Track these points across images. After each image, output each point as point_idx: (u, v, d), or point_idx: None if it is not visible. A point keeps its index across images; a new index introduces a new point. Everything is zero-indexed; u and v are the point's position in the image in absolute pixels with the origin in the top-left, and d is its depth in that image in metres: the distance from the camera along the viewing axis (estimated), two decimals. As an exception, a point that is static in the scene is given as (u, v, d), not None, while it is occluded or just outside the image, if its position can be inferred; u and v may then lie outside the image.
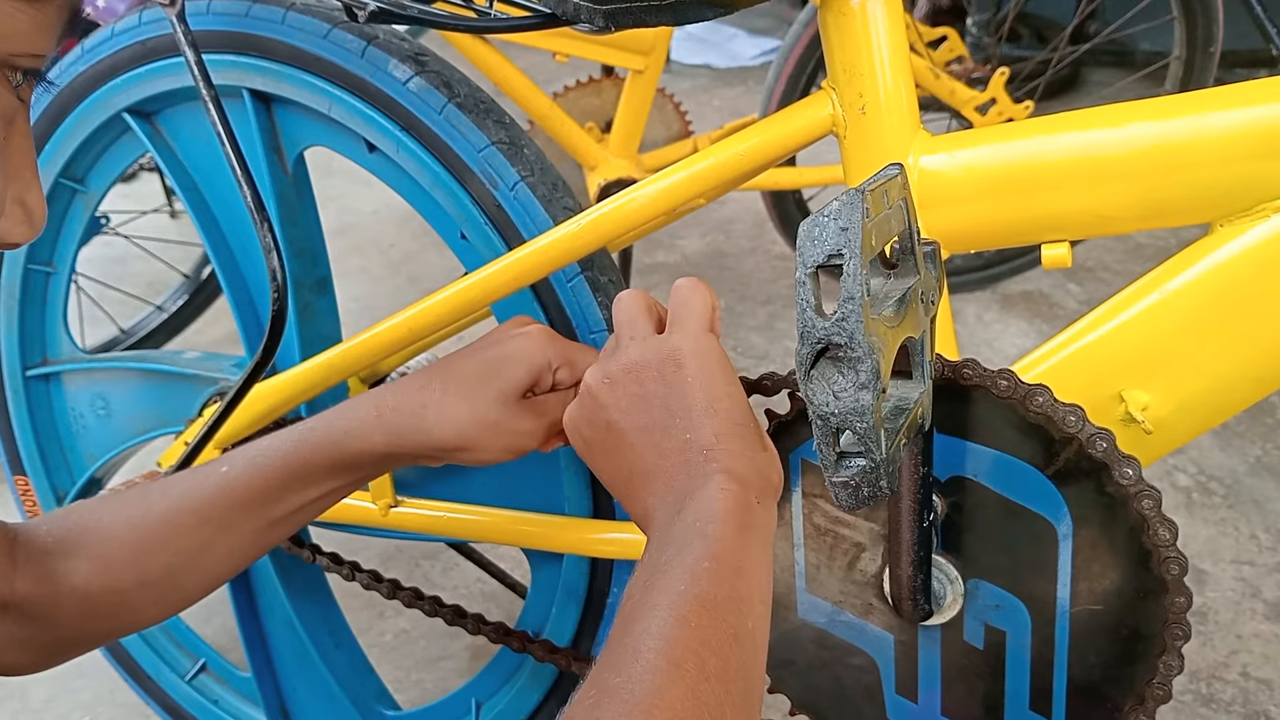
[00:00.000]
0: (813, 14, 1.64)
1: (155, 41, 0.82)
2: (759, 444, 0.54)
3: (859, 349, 0.43)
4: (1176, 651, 0.55)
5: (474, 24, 0.64)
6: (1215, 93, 0.56)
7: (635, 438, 0.54)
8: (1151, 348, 0.59)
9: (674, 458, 0.53)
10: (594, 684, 0.43)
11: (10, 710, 1.22)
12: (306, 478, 0.65)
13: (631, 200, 0.68)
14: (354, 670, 0.98)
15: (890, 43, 0.62)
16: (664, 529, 0.50)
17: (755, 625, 0.47)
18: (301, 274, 0.85)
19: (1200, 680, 1.16)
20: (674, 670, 0.42)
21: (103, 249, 2.23)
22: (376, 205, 2.53)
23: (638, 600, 0.47)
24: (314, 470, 0.65)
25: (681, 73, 3.48)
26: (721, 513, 0.49)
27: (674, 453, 0.53)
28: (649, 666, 0.42)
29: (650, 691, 0.41)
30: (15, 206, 0.46)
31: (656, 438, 0.53)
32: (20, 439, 1.01)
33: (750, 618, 0.47)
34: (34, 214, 0.47)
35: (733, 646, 0.45)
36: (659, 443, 0.53)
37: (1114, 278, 2.02)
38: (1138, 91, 2.20)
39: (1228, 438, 1.55)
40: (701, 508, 0.49)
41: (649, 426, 0.54)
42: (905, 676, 0.64)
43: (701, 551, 0.47)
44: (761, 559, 0.50)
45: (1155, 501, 0.53)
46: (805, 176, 1.74)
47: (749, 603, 0.48)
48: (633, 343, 0.57)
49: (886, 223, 0.46)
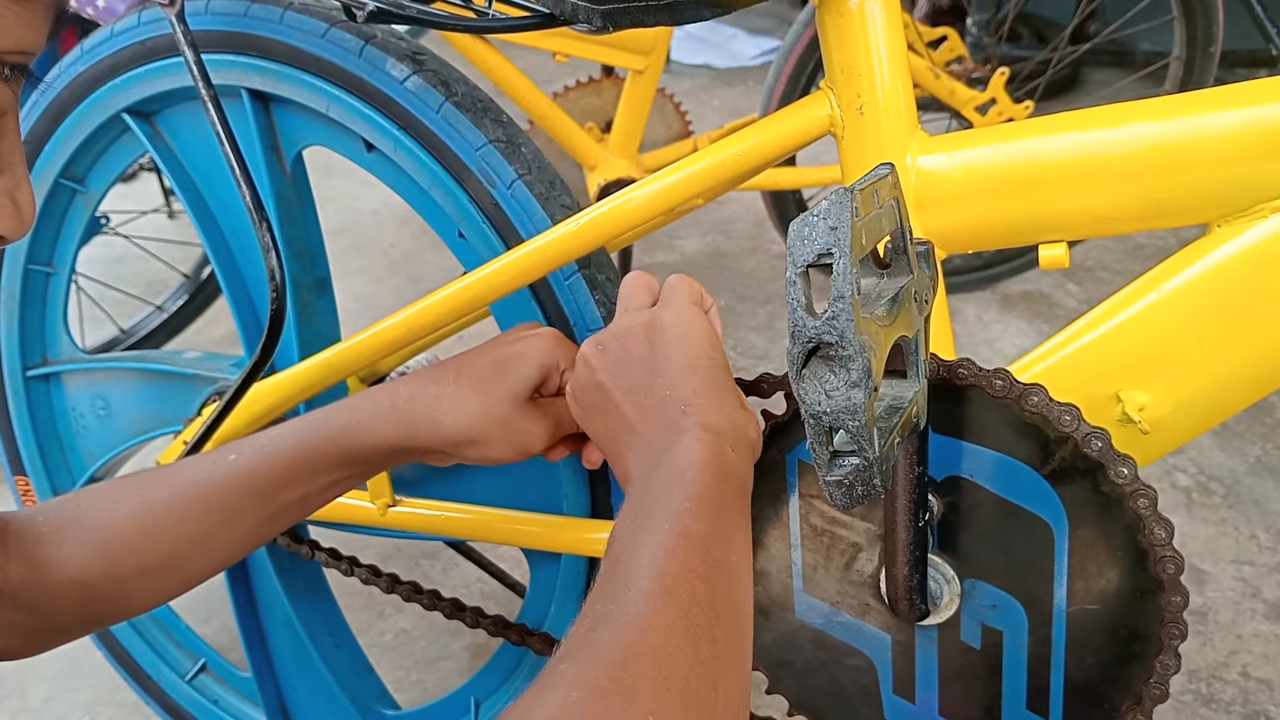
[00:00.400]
0: (812, 14, 1.64)
1: (154, 41, 0.82)
2: (736, 402, 0.56)
3: (850, 348, 0.43)
4: (1173, 651, 0.55)
5: (473, 24, 0.64)
6: (1214, 93, 0.56)
7: (621, 397, 0.57)
8: (1149, 348, 0.59)
9: (654, 414, 0.55)
10: (588, 614, 0.45)
11: (10, 710, 1.22)
12: (315, 468, 0.65)
13: (631, 200, 0.68)
14: (354, 670, 0.98)
15: (888, 43, 0.62)
16: (644, 480, 0.52)
17: (738, 560, 0.49)
18: (300, 274, 0.85)
19: (1200, 680, 1.16)
20: (666, 595, 0.44)
21: (103, 249, 2.23)
22: (376, 205, 2.53)
23: (624, 542, 0.48)
24: (323, 460, 0.65)
25: (681, 73, 3.48)
26: (698, 460, 0.51)
27: (654, 410, 0.55)
28: (642, 593, 0.44)
29: (644, 614, 0.43)
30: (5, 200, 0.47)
31: (639, 396, 0.56)
32: (20, 439, 1.02)
33: (733, 552, 0.49)
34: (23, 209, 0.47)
35: (719, 575, 0.47)
36: (641, 401, 0.56)
37: (1113, 278, 2.02)
38: (1138, 91, 2.20)
39: (1228, 438, 1.55)
40: (679, 458, 0.51)
41: (633, 386, 0.57)
42: (902, 677, 0.64)
43: (681, 494, 0.49)
44: (739, 505, 0.52)
45: (1151, 500, 0.53)
46: (805, 176, 1.74)
47: (730, 538, 0.49)
48: (626, 314, 0.60)
49: (877, 222, 0.46)
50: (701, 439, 0.52)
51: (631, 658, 0.41)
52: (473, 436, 0.64)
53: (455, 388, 0.65)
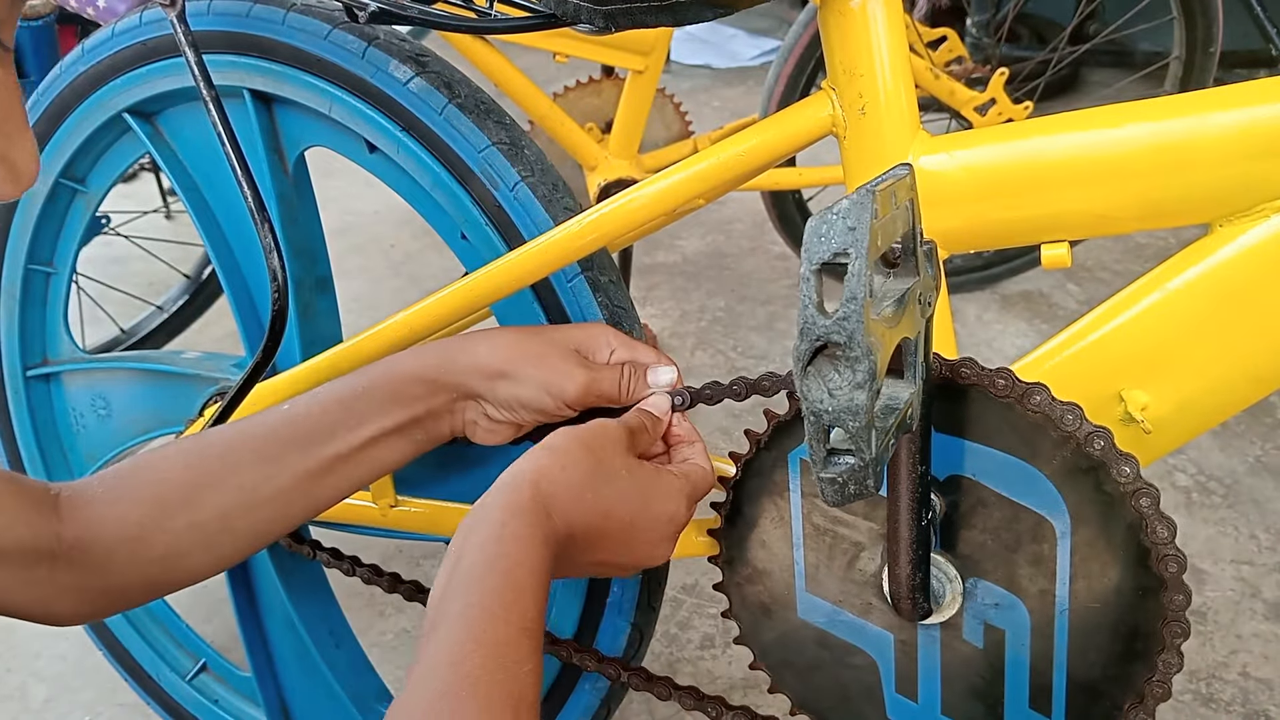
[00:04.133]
0: (813, 14, 1.64)
1: (156, 42, 0.82)
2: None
3: (858, 349, 0.43)
4: (1176, 649, 0.55)
5: (474, 25, 0.64)
6: (1215, 93, 0.56)
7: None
8: (1151, 347, 0.59)
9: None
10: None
11: (10, 710, 1.22)
12: (360, 412, 0.66)
13: (632, 200, 0.68)
14: (354, 670, 0.98)
15: (890, 43, 0.62)
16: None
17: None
18: (302, 274, 0.85)
19: (1200, 680, 1.16)
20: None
21: (103, 249, 2.22)
22: (377, 205, 2.53)
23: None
24: (367, 402, 0.67)
25: (681, 73, 3.48)
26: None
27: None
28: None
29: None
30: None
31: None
32: (20, 439, 1.02)
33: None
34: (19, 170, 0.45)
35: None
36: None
37: (1114, 278, 2.03)
38: (1138, 91, 2.21)
39: (1228, 438, 1.55)
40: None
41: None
42: (905, 675, 0.64)
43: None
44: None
45: (1153, 499, 0.53)
46: (805, 177, 1.74)
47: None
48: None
49: (892, 223, 0.47)
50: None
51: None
52: (506, 368, 0.66)
53: (494, 331, 0.69)
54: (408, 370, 0.67)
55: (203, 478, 0.64)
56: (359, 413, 0.67)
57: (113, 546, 0.62)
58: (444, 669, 0.45)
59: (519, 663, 0.47)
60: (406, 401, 0.67)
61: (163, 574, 0.65)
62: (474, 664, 0.46)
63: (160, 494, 0.64)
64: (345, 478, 0.68)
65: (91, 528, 0.62)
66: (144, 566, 0.64)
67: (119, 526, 0.63)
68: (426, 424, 0.68)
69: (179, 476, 0.64)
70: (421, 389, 0.67)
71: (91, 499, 0.63)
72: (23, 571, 0.60)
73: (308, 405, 0.67)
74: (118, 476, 0.65)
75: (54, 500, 0.62)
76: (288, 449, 0.66)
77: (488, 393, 0.67)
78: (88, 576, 0.62)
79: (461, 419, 0.69)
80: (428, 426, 0.68)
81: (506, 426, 0.69)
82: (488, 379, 0.66)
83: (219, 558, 0.66)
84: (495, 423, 0.68)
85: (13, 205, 0.95)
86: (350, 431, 0.66)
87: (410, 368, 0.67)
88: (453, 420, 0.69)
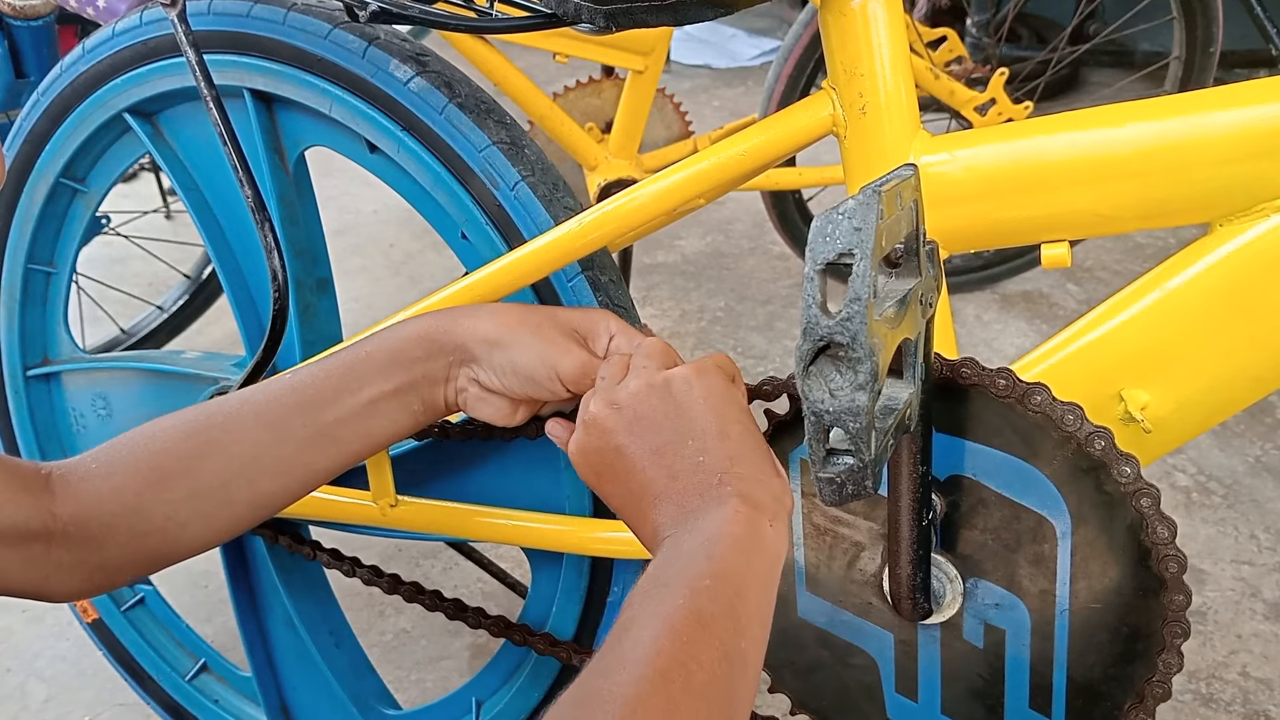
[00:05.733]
0: (813, 14, 1.64)
1: (156, 41, 0.82)
2: (772, 469, 0.55)
3: (860, 350, 0.43)
4: (1176, 649, 0.55)
5: (474, 24, 0.64)
6: (1215, 93, 0.56)
7: (645, 461, 0.55)
8: (1151, 347, 0.59)
9: (686, 479, 0.53)
10: (581, 686, 0.44)
11: (10, 710, 1.22)
12: (362, 374, 0.66)
13: (632, 200, 0.68)
14: (354, 670, 0.98)
15: (890, 43, 0.62)
16: (673, 546, 0.51)
17: (749, 647, 0.48)
18: (302, 274, 0.85)
19: (1200, 680, 1.17)
20: (659, 679, 0.43)
21: (103, 249, 2.22)
22: (377, 205, 2.53)
23: (636, 609, 0.48)
24: (370, 364, 0.66)
25: (681, 73, 3.48)
26: (731, 535, 0.50)
27: (686, 475, 0.53)
28: (635, 675, 0.43)
29: (631, 698, 0.42)
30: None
31: (668, 460, 0.54)
32: (20, 439, 1.02)
33: (744, 639, 0.48)
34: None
35: (721, 664, 0.45)
36: (670, 465, 0.54)
37: (1113, 278, 2.03)
38: (1138, 91, 2.21)
39: (1227, 438, 1.55)
40: (711, 529, 0.50)
41: (659, 449, 0.55)
42: (905, 675, 0.64)
43: (704, 569, 0.48)
44: (765, 584, 0.51)
45: (1154, 499, 0.53)
46: (805, 177, 1.74)
47: (746, 624, 0.48)
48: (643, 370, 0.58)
49: (897, 224, 0.47)
50: (739, 513, 0.51)
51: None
52: (505, 336, 0.65)
53: (498, 304, 0.68)
54: (410, 331, 0.67)
55: (204, 446, 0.64)
56: (360, 374, 0.66)
57: (110, 520, 0.62)
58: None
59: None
60: (406, 364, 0.67)
61: (161, 545, 0.64)
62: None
63: (159, 464, 0.63)
64: (344, 447, 0.67)
65: (88, 503, 0.62)
66: (142, 539, 0.63)
67: (117, 498, 0.62)
68: (423, 389, 0.67)
69: (179, 446, 0.64)
70: (421, 350, 0.67)
71: (86, 474, 0.63)
72: (16, 550, 0.60)
73: (311, 371, 0.67)
74: (113, 449, 0.64)
75: (45, 479, 0.62)
76: (291, 414, 0.65)
77: (484, 357, 0.66)
78: (85, 552, 0.62)
79: (455, 387, 0.69)
80: (424, 394, 0.67)
81: (498, 398, 0.68)
82: (486, 343, 0.66)
83: (218, 530, 0.66)
84: (487, 391, 0.67)
85: (13, 205, 0.95)
86: (351, 395, 0.66)
87: (413, 329, 0.67)
88: (447, 389, 0.68)
